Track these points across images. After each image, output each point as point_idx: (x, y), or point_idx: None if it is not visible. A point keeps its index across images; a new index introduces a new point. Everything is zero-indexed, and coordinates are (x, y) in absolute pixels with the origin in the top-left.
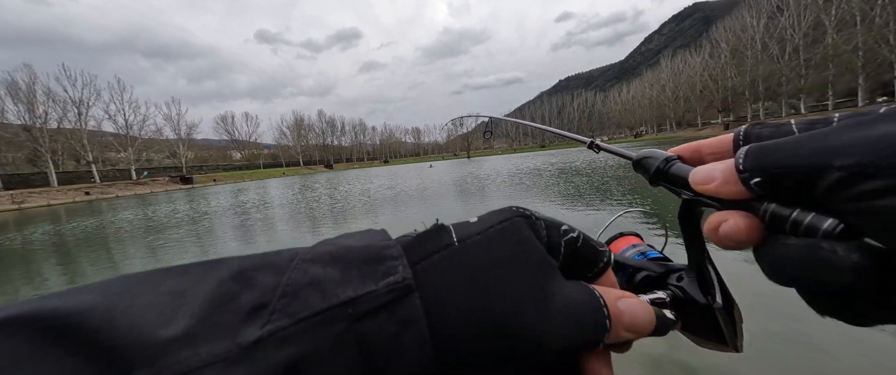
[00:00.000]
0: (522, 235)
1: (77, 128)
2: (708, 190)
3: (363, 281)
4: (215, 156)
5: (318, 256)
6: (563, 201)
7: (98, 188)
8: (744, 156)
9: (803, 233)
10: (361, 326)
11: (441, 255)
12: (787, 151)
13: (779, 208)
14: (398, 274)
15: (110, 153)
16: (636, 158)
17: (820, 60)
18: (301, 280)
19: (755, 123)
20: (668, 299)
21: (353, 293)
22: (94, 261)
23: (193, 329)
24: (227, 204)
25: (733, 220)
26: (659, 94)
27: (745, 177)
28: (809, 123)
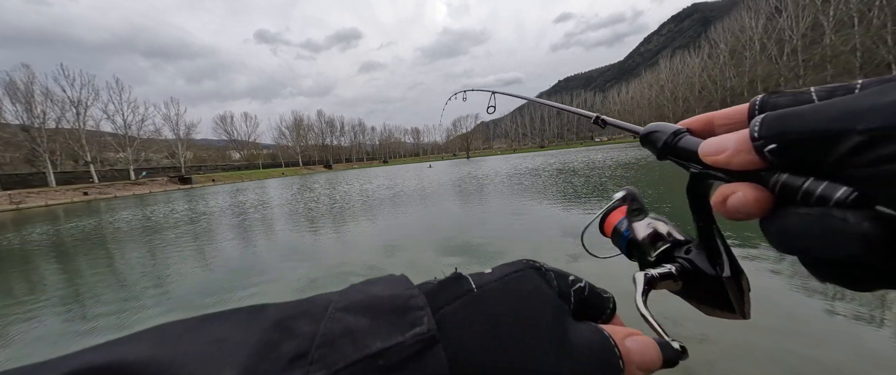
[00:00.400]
0: (535, 284)
1: (75, 127)
2: (718, 162)
3: (391, 332)
4: (214, 156)
5: (350, 305)
6: (563, 201)
7: (96, 188)
8: (760, 123)
9: (815, 203)
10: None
11: (462, 301)
12: (807, 117)
13: (791, 177)
14: (423, 326)
15: (109, 153)
16: (644, 132)
17: (818, 61)
18: (336, 329)
19: (773, 92)
20: (675, 271)
21: (382, 344)
22: (93, 262)
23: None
24: (226, 204)
25: (742, 192)
26: (658, 95)
27: (759, 145)
28: (830, 90)
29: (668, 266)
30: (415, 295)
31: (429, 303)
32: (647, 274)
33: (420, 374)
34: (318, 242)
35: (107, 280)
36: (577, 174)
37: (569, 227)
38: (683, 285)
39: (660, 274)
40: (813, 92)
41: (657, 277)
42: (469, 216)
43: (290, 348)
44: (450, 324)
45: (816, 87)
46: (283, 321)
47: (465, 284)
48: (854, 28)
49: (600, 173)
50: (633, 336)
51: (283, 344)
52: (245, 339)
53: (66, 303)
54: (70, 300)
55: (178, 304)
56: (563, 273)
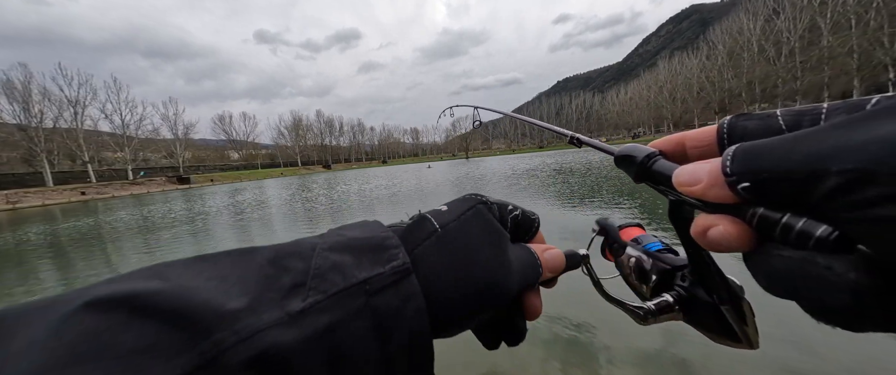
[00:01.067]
0: (486, 218)
1: (73, 127)
2: (693, 193)
3: (372, 266)
4: (213, 156)
5: (334, 245)
6: (561, 201)
7: (94, 188)
8: (731, 158)
9: (795, 240)
10: (374, 300)
11: (429, 241)
12: (779, 154)
13: (767, 212)
14: (399, 260)
15: (107, 153)
16: (618, 154)
17: (815, 63)
18: (325, 264)
19: (740, 115)
20: (673, 301)
21: (366, 274)
22: (91, 263)
23: (252, 303)
24: (225, 204)
25: (723, 227)
26: (656, 96)
27: (732, 182)
28: (797, 115)
29: (665, 295)
30: (389, 237)
31: (403, 243)
32: (645, 309)
33: (399, 293)
34: None
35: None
36: (574, 174)
37: (567, 228)
38: (685, 314)
39: (657, 307)
40: (780, 117)
41: (655, 310)
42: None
43: (287, 280)
44: (423, 259)
45: (782, 111)
46: (276, 259)
47: (429, 225)
48: (851, 30)
49: (597, 173)
50: (549, 250)
51: (282, 277)
52: (243, 274)
53: None
54: None
55: None
56: (503, 203)
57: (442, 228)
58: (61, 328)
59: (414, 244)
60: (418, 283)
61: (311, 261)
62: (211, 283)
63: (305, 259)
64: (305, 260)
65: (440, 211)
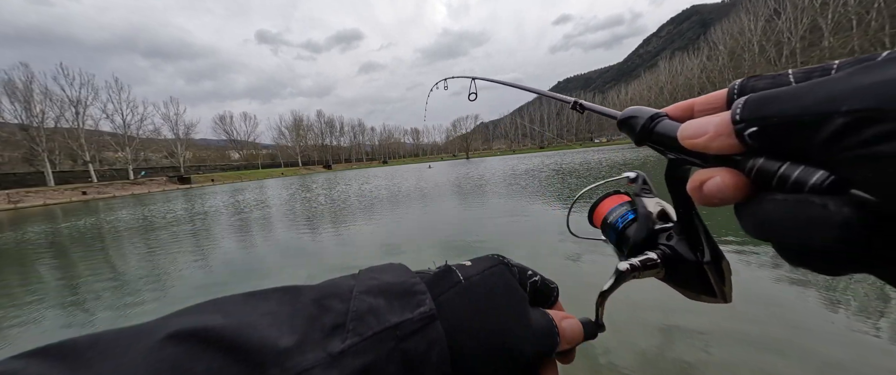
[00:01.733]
0: (506, 277)
1: (74, 127)
2: (696, 145)
3: (402, 311)
4: (213, 156)
5: (369, 289)
6: (559, 201)
7: (95, 188)
8: (741, 105)
9: (791, 188)
10: (404, 344)
11: (454, 290)
12: (789, 99)
13: (767, 162)
14: (426, 306)
15: (107, 152)
16: (621, 117)
17: (816, 63)
18: (362, 307)
19: (751, 76)
20: (658, 259)
21: (397, 319)
22: (91, 262)
23: (299, 341)
24: (225, 203)
25: (720, 177)
26: (657, 96)
27: (740, 128)
28: (807, 72)
29: (650, 253)
30: (417, 283)
31: (429, 290)
32: (631, 264)
33: (425, 339)
34: (317, 242)
35: (105, 278)
36: (573, 174)
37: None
38: (666, 271)
39: (642, 263)
40: (790, 74)
41: (639, 266)
42: (468, 216)
43: (329, 320)
44: (446, 307)
45: (794, 70)
46: (319, 299)
47: (454, 276)
48: (852, 30)
49: (596, 173)
50: (567, 319)
51: (324, 317)
52: (292, 312)
53: (65, 306)
54: (69, 302)
55: (179, 303)
56: (523, 267)
57: (466, 280)
58: (149, 356)
59: (439, 292)
60: (442, 330)
61: (349, 303)
62: (264, 320)
63: (344, 300)
64: (344, 302)
65: (464, 265)
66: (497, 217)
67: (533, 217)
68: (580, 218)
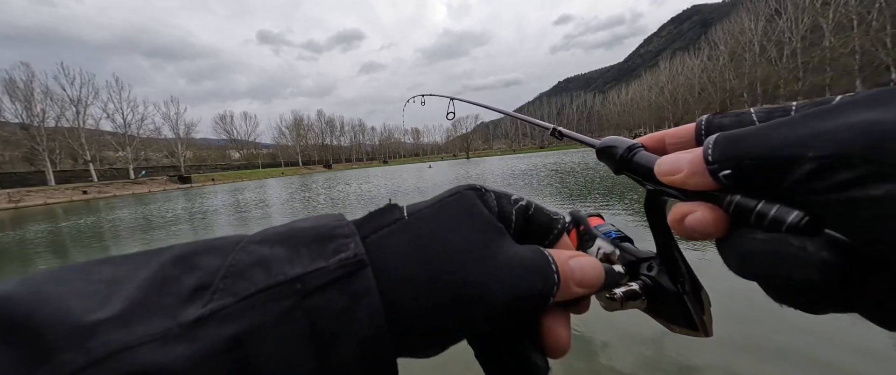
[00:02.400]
0: (469, 204)
1: (75, 126)
2: (674, 181)
3: (313, 259)
4: (214, 155)
5: (266, 238)
6: (557, 200)
7: (95, 187)
8: (712, 146)
9: (768, 226)
10: (310, 301)
11: (390, 229)
12: (757, 141)
13: (744, 199)
14: (350, 251)
15: (108, 152)
16: (599, 146)
17: (817, 63)
18: (245, 260)
19: (715, 113)
20: (639, 289)
21: (300, 270)
22: None
23: (125, 312)
24: (224, 202)
25: (700, 213)
26: (657, 96)
27: (714, 169)
28: (768, 112)
29: (632, 284)
30: (342, 226)
31: (357, 231)
32: (613, 295)
33: (346, 291)
34: None
35: None
36: (571, 174)
37: None
38: (648, 303)
39: (624, 294)
40: (753, 113)
41: (623, 296)
42: None
43: (190, 281)
44: (378, 253)
45: (755, 109)
46: (185, 256)
47: (396, 213)
48: (853, 31)
49: (594, 173)
50: (579, 256)
51: (184, 278)
52: (139, 276)
53: None
54: None
55: None
56: (506, 193)
57: (410, 216)
58: None
59: (369, 232)
60: (373, 278)
61: (227, 257)
62: (88, 287)
63: (223, 254)
64: (222, 256)
65: (419, 202)
66: None
67: None
68: None
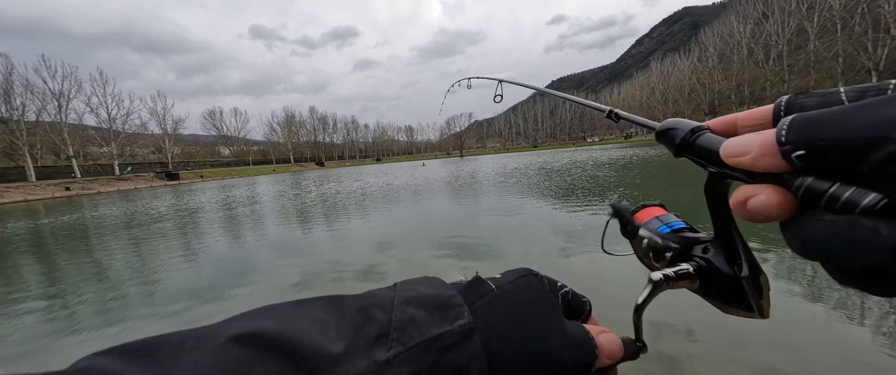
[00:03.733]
0: (538, 286)
1: (57, 121)
2: (741, 163)
3: (442, 323)
4: (203, 151)
5: (409, 300)
6: (552, 198)
7: (79, 184)
8: (787, 126)
9: (840, 209)
10: (445, 357)
11: (487, 299)
12: (838, 122)
13: (816, 182)
14: (465, 319)
15: (92, 147)
16: (660, 128)
17: (802, 66)
18: (403, 317)
19: (799, 93)
20: (692, 270)
21: (437, 331)
22: (76, 260)
23: (347, 348)
24: (216, 199)
25: (765, 195)
26: (649, 97)
27: (787, 150)
28: (861, 91)
29: (685, 265)
30: (455, 295)
31: (465, 302)
32: (664, 274)
33: (466, 352)
34: (311, 239)
35: (89, 276)
36: (558, 173)
37: (558, 224)
38: (701, 283)
39: (676, 274)
40: (843, 92)
41: (673, 277)
42: (461, 213)
43: (373, 329)
44: (480, 316)
45: (846, 88)
46: (363, 309)
47: (486, 285)
48: (837, 34)
49: (592, 172)
50: (605, 333)
51: (368, 326)
52: (338, 320)
53: (51, 309)
54: (54, 304)
55: (168, 301)
56: (552, 280)
57: (498, 289)
58: (216, 355)
59: (471, 301)
60: (480, 343)
61: (391, 313)
62: (314, 326)
63: (386, 310)
64: (386, 312)
65: (494, 277)
66: (490, 214)
67: (525, 214)
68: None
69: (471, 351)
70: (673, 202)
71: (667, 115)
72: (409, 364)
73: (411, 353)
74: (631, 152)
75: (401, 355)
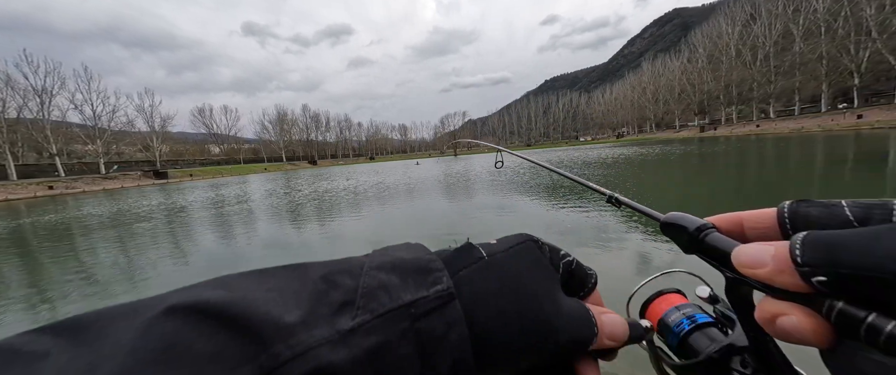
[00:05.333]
0: (535, 254)
1: (39, 118)
2: (757, 276)
3: (417, 288)
4: (192, 150)
5: (381, 265)
6: (546, 196)
7: (63, 183)
8: (801, 246)
9: (885, 344)
10: (419, 324)
11: (474, 267)
12: (857, 250)
13: (849, 308)
14: (443, 284)
15: (76, 145)
16: (665, 220)
17: (788, 68)
18: (373, 283)
19: (801, 200)
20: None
21: (411, 297)
22: (59, 260)
23: (305, 317)
24: (207, 198)
25: (796, 317)
26: (640, 96)
27: (805, 272)
28: (866, 207)
29: None
30: (434, 260)
31: (446, 267)
32: None
33: (443, 319)
34: (304, 238)
35: (74, 276)
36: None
37: (554, 223)
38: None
39: None
40: (845, 207)
41: None
42: (456, 211)
43: (338, 296)
44: (465, 284)
45: (849, 202)
46: (327, 275)
47: (476, 252)
48: (821, 37)
49: (589, 170)
50: (607, 313)
51: (332, 293)
52: (298, 288)
53: (33, 309)
54: (38, 303)
55: None
56: (555, 248)
57: (489, 256)
58: (147, 329)
59: (457, 269)
60: (461, 309)
61: (360, 279)
62: (270, 295)
63: (354, 276)
64: (354, 278)
65: (488, 243)
66: (484, 211)
67: (518, 212)
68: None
69: (449, 318)
70: (659, 202)
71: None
72: (376, 332)
73: (380, 321)
74: (618, 151)
75: (368, 323)
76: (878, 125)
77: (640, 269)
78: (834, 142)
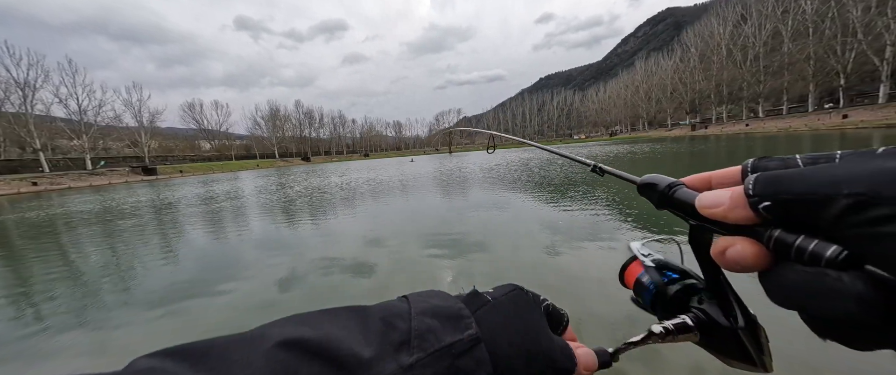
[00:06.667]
0: (526, 298)
1: (22, 112)
2: (714, 215)
3: (454, 332)
4: (182, 146)
5: (424, 311)
6: (541, 193)
7: (47, 179)
8: (753, 181)
9: (808, 260)
10: (459, 362)
11: (485, 308)
12: (797, 179)
13: (784, 234)
14: (473, 329)
15: (61, 140)
16: (640, 182)
17: (777, 68)
18: (422, 327)
19: (762, 157)
20: (691, 322)
21: (450, 339)
22: (45, 258)
23: (377, 353)
24: (198, 195)
25: (740, 245)
26: (633, 95)
27: (754, 201)
28: (814, 158)
29: (683, 316)
30: (463, 307)
31: (471, 314)
32: (665, 327)
33: (474, 358)
34: (299, 235)
35: (61, 276)
36: (554, 164)
37: (547, 220)
38: (701, 336)
39: (675, 327)
40: (798, 158)
41: (674, 330)
42: (450, 208)
43: (397, 336)
44: (482, 323)
45: (802, 155)
46: (385, 318)
47: (483, 297)
48: (809, 38)
49: (582, 169)
50: (581, 347)
51: (391, 334)
52: (364, 328)
53: (20, 311)
54: (24, 304)
55: (149, 298)
56: (535, 294)
57: (494, 300)
58: (268, 361)
59: (473, 310)
60: (486, 352)
61: (410, 323)
62: (345, 333)
63: (405, 320)
64: (405, 321)
65: (488, 291)
66: (479, 209)
67: (512, 209)
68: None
69: (478, 358)
70: None
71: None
72: (429, 367)
73: (431, 358)
74: (609, 149)
75: (422, 360)
76: (863, 125)
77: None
78: (820, 141)
